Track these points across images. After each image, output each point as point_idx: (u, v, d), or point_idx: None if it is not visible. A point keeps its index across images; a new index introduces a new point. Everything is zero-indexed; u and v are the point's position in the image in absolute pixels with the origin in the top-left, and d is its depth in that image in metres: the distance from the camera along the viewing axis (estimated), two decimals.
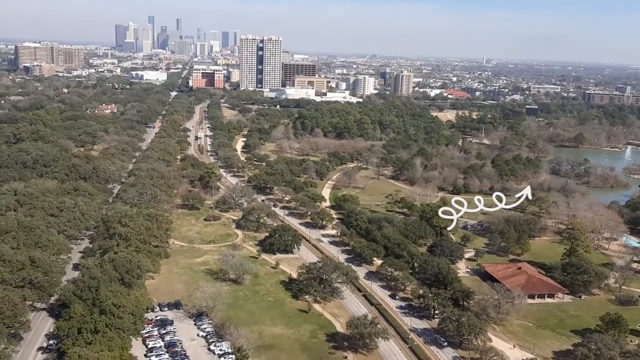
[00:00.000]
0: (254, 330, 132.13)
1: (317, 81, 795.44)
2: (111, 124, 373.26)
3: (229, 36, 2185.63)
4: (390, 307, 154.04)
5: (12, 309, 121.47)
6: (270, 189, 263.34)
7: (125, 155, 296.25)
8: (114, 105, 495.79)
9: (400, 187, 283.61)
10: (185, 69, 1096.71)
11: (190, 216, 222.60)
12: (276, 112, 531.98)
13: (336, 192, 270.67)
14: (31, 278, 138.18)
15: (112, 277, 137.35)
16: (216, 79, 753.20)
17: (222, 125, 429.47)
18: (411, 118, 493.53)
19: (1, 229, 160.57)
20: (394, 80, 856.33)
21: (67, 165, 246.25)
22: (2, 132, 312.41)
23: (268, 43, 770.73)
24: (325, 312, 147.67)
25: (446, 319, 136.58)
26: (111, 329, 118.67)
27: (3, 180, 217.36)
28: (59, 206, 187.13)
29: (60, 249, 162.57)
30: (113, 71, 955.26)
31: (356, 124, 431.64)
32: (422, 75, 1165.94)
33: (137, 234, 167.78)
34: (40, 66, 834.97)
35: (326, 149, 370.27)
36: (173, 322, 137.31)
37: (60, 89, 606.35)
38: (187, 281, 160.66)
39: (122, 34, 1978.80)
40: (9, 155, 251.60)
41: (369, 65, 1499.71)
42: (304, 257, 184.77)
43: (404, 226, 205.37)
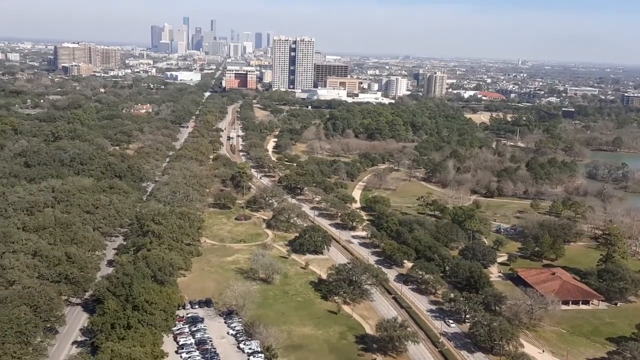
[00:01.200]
0: (283, 330, 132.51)
1: (349, 82, 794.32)
2: (146, 124, 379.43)
3: (262, 37, 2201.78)
4: (421, 310, 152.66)
5: (49, 303, 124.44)
6: (300, 190, 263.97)
7: (159, 155, 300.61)
8: (149, 105, 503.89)
9: (432, 189, 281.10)
10: (218, 70, 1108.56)
11: (222, 215, 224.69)
12: (307, 113, 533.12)
13: (367, 193, 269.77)
14: (67, 273, 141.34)
15: (145, 274, 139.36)
16: (249, 80, 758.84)
17: (253, 125, 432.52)
18: (444, 120, 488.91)
19: (39, 225, 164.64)
20: (427, 81, 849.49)
21: (103, 164, 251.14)
22: (41, 131, 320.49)
23: (300, 44, 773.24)
24: (354, 313, 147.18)
25: (477, 324, 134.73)
26: (143, 325, 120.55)
27: (41, 178, 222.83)
28: (95, 203, 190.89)
29: (95, 246, 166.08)
30: (148, 71, 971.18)
31: (388, 125, 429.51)
32: (455, 77, 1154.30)
33: (169, 232, 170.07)
34: (79, 66, 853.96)
35: (357, 150, 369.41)
36: (204, 320, 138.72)
37: (97, 89, 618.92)
38: (218, 279, 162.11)
39: (158, 35, 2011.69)
40: (47, 153, 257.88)
41: (401, 66, 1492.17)
42: (334, 258, 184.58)
43: (436, 229, 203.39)
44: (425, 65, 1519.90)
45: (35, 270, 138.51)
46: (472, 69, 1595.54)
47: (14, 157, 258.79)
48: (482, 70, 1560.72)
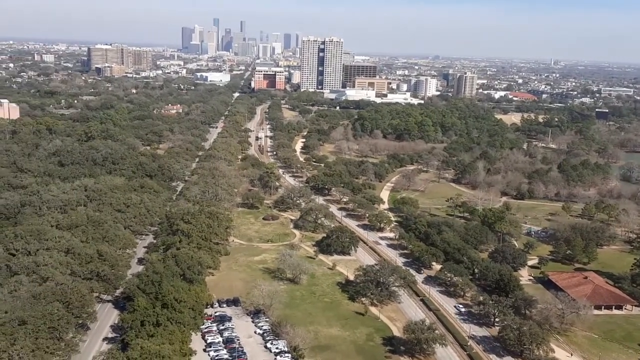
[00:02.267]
0: (310, 330, 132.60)
1: (378, 82, 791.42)
2: (176, 124, 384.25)
3: (290, 38, 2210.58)
4: (449, 313, 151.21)
5: (81, 300, 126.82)
6: (328, 190, 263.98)
7: (189, 154, 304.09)
8: (180, 105, 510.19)
9: (462, 190, 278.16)
10: (247, 71, 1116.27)
11: (250, 215, 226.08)
12: (336, 114, 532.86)
13: (395, 194, 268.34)
14: (98, 271, 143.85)
15: (174, 272, 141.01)
16: (277, 81, 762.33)
17: (282, 126, 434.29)
18: (474, 120, 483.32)
19: (72, 223, 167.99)
20: (456, 81, 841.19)
21: (134, 163, 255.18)
22: (75, 131, 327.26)
23: (329, 44, 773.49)
24: (381, 315, 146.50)
25: (507, 327, 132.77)
26: (172, 322, 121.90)
27: (74, 177, 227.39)
28: (126, 202, 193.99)
29: (126, 244, 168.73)
30: (179, 72, 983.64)
31: (417, 126, 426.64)
32: (486, 77, 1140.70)
33: (198, 231, 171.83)
34: (111, 67, 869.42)
35: (385, 150, 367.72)
36: (231, 319, 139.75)
37: (129, 90, 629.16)
38: (246, 279, 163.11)
39: (188, 36, 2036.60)
40: (80, 153, 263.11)
41: (431, 67, 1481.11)
42: (361, 259, 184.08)
43: (465, 231, 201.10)
44: (455, 65, 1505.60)
45: (68, 268, 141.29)
46: (503, 69, 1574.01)
47: (48, 156, 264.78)
48: (514, 70, 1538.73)
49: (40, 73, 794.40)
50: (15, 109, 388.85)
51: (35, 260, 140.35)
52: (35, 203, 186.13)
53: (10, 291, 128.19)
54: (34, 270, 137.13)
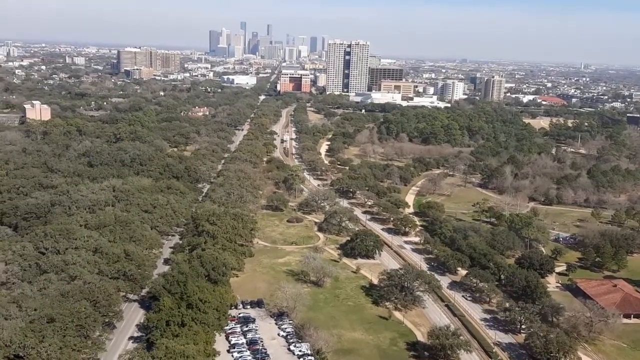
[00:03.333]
0: (333, 334, 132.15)
1: (404, 85, 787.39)
2: (203, 126, 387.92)
3: (317, 41, 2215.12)
4: (474, 319, 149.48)
5: (107, 298, 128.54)
6: (353, 193, 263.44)
7: (215, 156, 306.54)
8: (206, 108, 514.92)
9: (489, 195, 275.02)
10: (273, 74, 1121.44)
11: (274, 217, 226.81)
12: (361, 117, 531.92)
13: (420, 198, 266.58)
14: (125, 270, 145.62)
15: (199, 273, 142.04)
16: (303, 83, 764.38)
17: (307, 128, 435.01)
18: (502, 124, 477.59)
19: (100, 222, 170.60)
20: (484, 85, 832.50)
21: (161, 165, 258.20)
22: (104, 132, 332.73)
23: (355, 47, 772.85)
24: (406, 320, 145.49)
25: (533, 335, 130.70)
26: (197, 323, 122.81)
27: (103, 177, 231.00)
28: (153, 203, 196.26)
29: (152, 244, 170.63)
30: (206, 75, 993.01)
31: (443, 130, 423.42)
32: (514, 81, 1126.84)
33: (223, 232, 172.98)
34: (140, 70, 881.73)
35: (411, 154, 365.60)
36: (255, 320, 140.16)
37: (157, 92, 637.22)
38: (269, 281, 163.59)
39: (216, 39, 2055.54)
40: (109, 154, 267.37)
41: (458, 70, 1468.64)
42: (385, 263, 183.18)
43: (491, 236, 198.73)
44: (483, 68, 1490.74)
45: (95, 267, 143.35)
46: (532, 72, 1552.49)
47: (78, 157, 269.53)
48: (542, 74, 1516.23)
49: (71, 75, 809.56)
50: (46, 110, 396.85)
51: (64, 259, 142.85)
52: (64, 203, 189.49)
53: (39, 289, 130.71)
54: (62, 269, 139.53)
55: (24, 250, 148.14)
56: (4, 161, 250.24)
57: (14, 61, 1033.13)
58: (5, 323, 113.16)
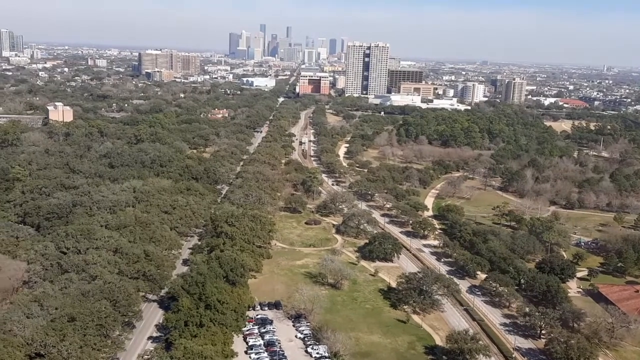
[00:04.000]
0: (350, 337, 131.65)
1: (424, 88, 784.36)
2: (222, 128, 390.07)
3: (336, 43, 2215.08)
4: (494, 323, 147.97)
5: (127, 298, 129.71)
6: (371, 196, 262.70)
7: (234, 158, 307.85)
8: (226, 110, 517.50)
9: (509, 199, 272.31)
10: (292, 76, 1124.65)
11: (292, 219, 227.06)
12: (380, 119, 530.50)
13: (440, 201, 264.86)
14: (145, 270, 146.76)
15: (217, 274, 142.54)
16: (322, 85, 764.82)
17: (325, 131, 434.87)
18: (522, 127, 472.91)
19: (120, 223, 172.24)
20: (505, 87, 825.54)
21: (181, 166, 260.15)
22: (125, 133, 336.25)
23: (375, 49, 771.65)
24: (424, 323, 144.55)
25: (554, 340, 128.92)
26: (215, 323, 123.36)
27: (124, 178, 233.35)
28: (172, 204, 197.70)
29: (172, 245, 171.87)
30: (226, 77, 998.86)
31: (463, 132, 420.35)
32: (535, 83, 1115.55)
33: (242, 233, 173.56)
34: (161, 72, 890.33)
35: (431, 156, 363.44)
36: (272, 322, 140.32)
37: (177, 94, 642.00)
38: (287, 282, 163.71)
39: (236, 42, 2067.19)
40: (130, 155, 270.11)
41: (478, 72, 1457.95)
42: (404, 266, 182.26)
43: (511, 240, 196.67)
44: (504, 71, 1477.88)
45: (115, 267, 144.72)
46: (553, 75, 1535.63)
47: (99, 158, 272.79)
48: (564, 76, 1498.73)
49: (93, 77, 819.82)
50: (69, 112, 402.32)
51: (85, 259, 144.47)
52: (86, 203, 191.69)
53: (60, 288, 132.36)
54: (83, 269, 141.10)
55: (46, 250, 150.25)
56: (27, 162, 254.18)
57: (38, 63, 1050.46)
58: (27, 321, 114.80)
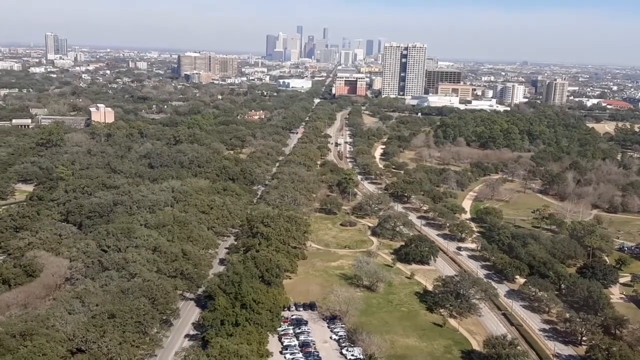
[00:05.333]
0: (386, 339, 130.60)
1: (462, 89, 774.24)
2: (258, 129, 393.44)
3: (373, 44, 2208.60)
4: (533, 329, 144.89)
5: (165, 296, 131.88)
6: (407, 198, 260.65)
7: (270, 159, 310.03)
8: (262, 111, 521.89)
9: (549, 202, 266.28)
10: (329, 77, 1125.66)
11: (327, 220, 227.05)
12: (417, 120, 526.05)
13: (478, 204, 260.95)
14: (182, 269, 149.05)
15: (253, 274, 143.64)
16: (358, 87, 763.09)
17: (361, 132, 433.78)
18: (564, 129, 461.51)
19: (159, 222, 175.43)
20: (545, 88, 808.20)
21: (218, 167, 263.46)
22: (164, 134, 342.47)
23: (412, 50, 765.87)
24: (461, 327, 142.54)
25: (595, 347, 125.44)
26: (250, 323, 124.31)
27: (163, 178, 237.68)
28: (210, 204, 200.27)
29: (209, 244, 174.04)
30: (262, 79, 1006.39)
31: (502, 134, 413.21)
32: (577, 84, 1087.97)
33: (277, 234, 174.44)
34: (199, 74, 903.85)
35: (468, 158, 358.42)
36: (307, 323, 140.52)
37: (215, 96, 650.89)
38: (322, 284, 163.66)
39: (273, 43, 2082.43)
40: (169, 156, 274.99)
41: (519, 73, 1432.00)
42: (440, 269, 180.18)
43: (552, 244, 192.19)
44: (545, 71, 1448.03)
45: (154, 265, 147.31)
46: (596, 75, 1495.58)
47: (139, 158, 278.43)
48: (608, 77, 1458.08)
49: (133, 79, 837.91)
50: (110, 113, 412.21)
51: (125, 257, 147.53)
52: (126, 202, 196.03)
53: (101, 285, 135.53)
54: (123, 267, 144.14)
55: (88, 248, 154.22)
56: (70, 162, 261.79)
57: (81, 66, 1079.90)
58: (69, 317, 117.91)
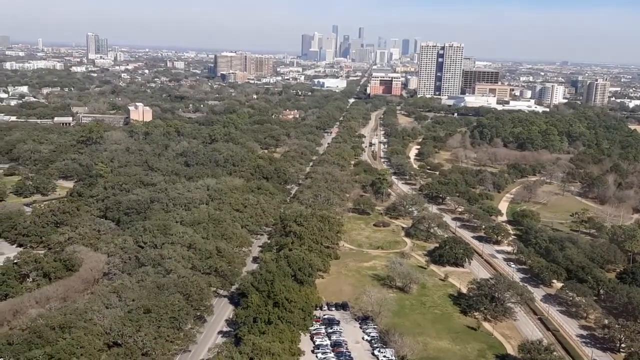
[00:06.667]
0: (418, 341, 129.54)
1: (499, 89, 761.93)
2: (293, 129, 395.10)
3: (409, 44, 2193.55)
4: (570, 334, 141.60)
5: (199, 293, 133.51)
6: (442, 199, 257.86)
7: (304, 159, 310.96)
8: (297, 111, 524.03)
9: (589, 205, 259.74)
10: (364, 77, 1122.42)
11: (360, 220, 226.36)
12: (453, 120, 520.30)
13: (514, 206, 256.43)
14: (217, 266, 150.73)
15: (285, 273, 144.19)
16: (393, 86, 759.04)
17: (396, 132, 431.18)
18: (605, 130, 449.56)
19: (194, 220, 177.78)
20: (586, 89, 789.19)
21: (252, 166, 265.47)
22: (200, 133, 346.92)
23: (449, 50, 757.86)
24: (495, 331, 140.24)
25: (634, 355, 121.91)
26: (283, 321, 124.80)
27: (198, 176, 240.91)
28: (244, 202, 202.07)
29: (242, 242, 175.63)
30: (297, 79, 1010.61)
31: (541, 135, 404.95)
32: (620, 85, 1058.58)
33: (310, 233, 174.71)
34: (235, 74, 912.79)
35: (505, 160, 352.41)
36: (339, 323, 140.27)
37: (250, 95, 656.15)
38: (355, 284, 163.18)
39: (308, 43, 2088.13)
40: (204, 154, 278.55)
41: (558, 73, 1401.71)
42: (475, 272, 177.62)
43: (591, 248, 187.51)
44: (585, 71, 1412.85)
45: (189, 262, 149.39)
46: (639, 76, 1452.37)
47: (176, 156, 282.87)
48: None
49: (171, 79, 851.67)
50: (148, 112, 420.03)
51: (161, 253, 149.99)
52: (162, 200, 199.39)
53: (137, 280, 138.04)
54: (159, 263, 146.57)
55: (125, 244, 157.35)
56: (109, 159, 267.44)
57: (121, 65, 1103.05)
58: (106, 311, 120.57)
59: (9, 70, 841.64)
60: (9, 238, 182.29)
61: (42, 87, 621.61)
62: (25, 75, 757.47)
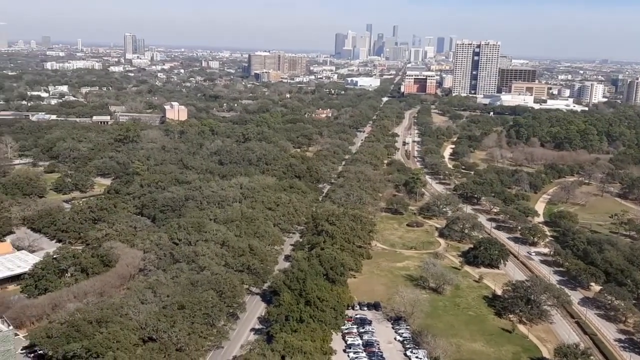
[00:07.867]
0: (451, 343, 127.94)
1: (537, 87, 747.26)
2: (325, 128, 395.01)
3: (444, 42, 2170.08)
4: (608, 339, 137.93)
5: (232, 290, 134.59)
6: (477, 199, 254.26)
7: (336, 158, 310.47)
8: (329, 110, 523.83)
9: (629, 207, 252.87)
10: (398, 75, 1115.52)
11: (393, 220, 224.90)
12: (489, 119, 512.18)
13: (551, 207, 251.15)
14: (249, 264, 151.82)
15: (317, 271, 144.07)
16: (428, 85, 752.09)
17: (430, 131, 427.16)
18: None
19: (227, 217, 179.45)
20: (626, 87, 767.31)
21: (285, 164, 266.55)
22: (234, 132, 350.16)
23: (485, 48, 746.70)
24: (530, 334, 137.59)
25: None
26: (314, 320, 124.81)
27: (232, 175, 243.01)
28: (276, 201, 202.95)
29: (275, 240, 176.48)
30: (330, 77, 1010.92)
31: (579, 135, 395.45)
32: None
33: (342, 233, 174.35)
34: (268, 73, 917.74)
35: (542, 160, 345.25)
36: (371, 322, 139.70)
37: (283, 94, 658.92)
38: (387, 284, 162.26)
39: (341, 41, 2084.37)
40: (237, 153, 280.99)
41: (597, 71, 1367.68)
42: (510, 273, 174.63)
43: (631, 251, 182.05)
44: (626, 69, 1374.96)
45: (222, 259, 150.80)
46: None
47: (210, 155, 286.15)
48: None
49: (206, 78, 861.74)
50: (183, 111, 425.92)
51: (195, 250, 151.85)
52: (197, 198, 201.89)
53: (172, 277, 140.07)
54: (193, 260, 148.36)
55: (160, 240, 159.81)
56: (145, 157, 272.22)
57: (157, 65, 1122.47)
58: (142, 307, 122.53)
59: (50, 70, 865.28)
60: (48, 234, 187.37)
61: (81, 87, 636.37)
62: (65, 75, 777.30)
